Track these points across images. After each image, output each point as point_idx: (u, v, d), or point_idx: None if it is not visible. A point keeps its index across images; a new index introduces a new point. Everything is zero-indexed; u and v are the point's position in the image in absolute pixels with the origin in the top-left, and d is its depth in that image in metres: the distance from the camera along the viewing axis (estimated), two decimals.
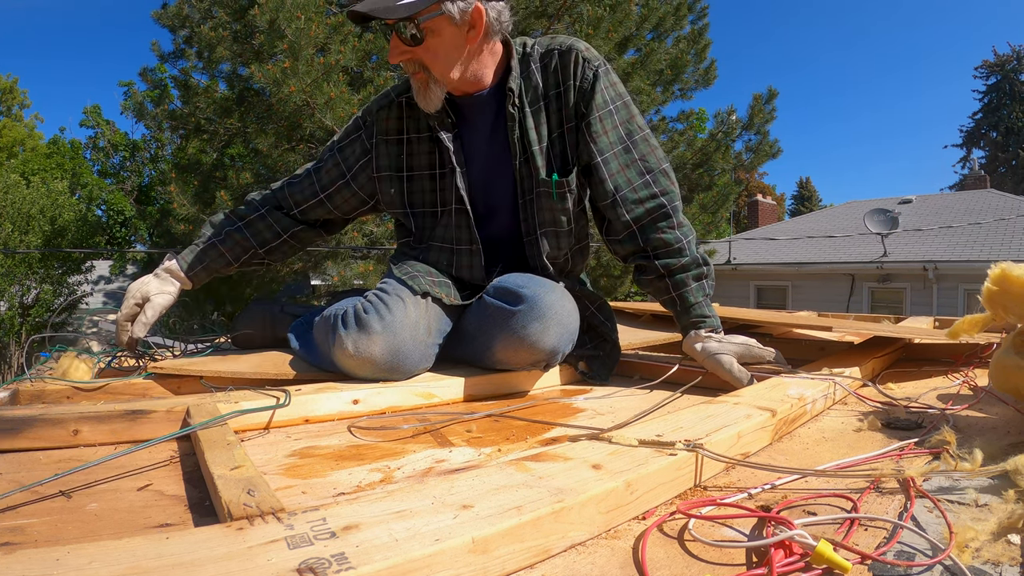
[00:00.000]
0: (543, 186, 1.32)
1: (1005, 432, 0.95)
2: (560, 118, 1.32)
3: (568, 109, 1.31)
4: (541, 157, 1.31)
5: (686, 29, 8.35)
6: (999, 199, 13.59)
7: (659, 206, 1.31)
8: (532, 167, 1.32)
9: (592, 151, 1.30)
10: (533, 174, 1.33)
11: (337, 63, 5.81)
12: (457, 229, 1.39)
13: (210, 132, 7.91)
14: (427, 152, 1.38)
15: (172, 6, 7.59)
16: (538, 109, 1.31)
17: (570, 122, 1.31)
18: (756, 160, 8.49)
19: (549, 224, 1.36)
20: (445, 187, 1.38)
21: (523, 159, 1.32)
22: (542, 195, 1.33)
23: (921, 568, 0.53)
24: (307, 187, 1.48)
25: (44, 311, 13.57)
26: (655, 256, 1.33)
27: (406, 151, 1.39)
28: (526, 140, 1.31)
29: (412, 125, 1.38)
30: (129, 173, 22.53)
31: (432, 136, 1.35)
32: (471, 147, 1.37)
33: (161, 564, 0.45)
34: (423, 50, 1.23)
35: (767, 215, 17.78)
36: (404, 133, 1.39)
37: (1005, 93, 30.33)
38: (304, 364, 1.31)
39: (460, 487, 0.62)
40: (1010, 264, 0.98)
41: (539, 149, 1.31)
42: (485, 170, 1.37)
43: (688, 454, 0.73)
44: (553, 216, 1.35)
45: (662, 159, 1.34)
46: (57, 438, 0.91)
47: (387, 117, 1.39)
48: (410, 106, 1.37)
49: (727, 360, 1.25)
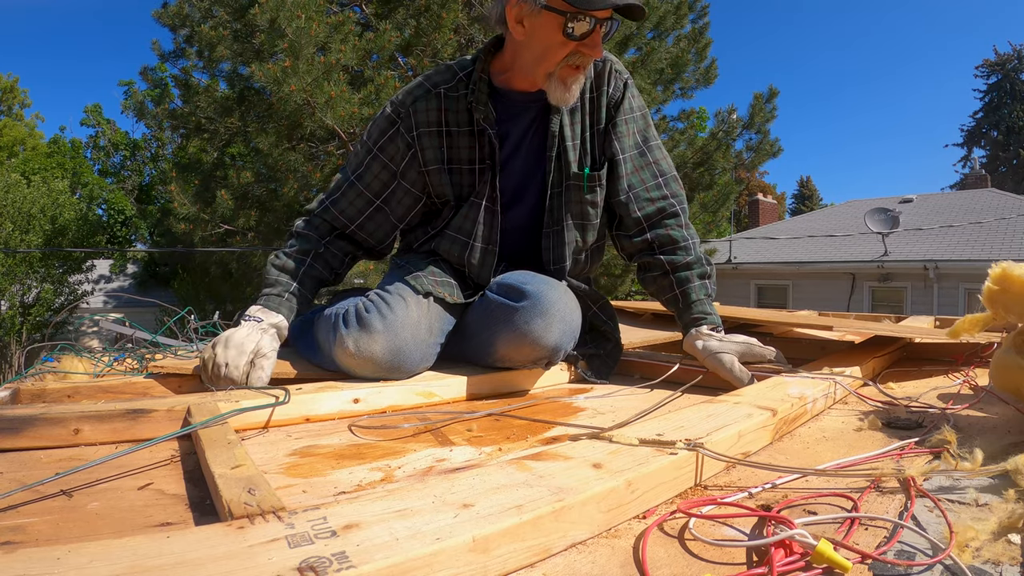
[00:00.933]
0: (575, 179, 1.37)
1: (1006, 432, 0.95)
2: (592, 120, 1.39)
3: (599, 112, 1.38)
4: (574, 152, 1.37)
5: (687, 28, 8.35)
6: (1000, 198, 13.57)
7: (669, 206, 1.39)
8: (564, 161, 1.36)
9: (615, 149, 1.39)
10: (565, 168, 1.37)
11: (338, 62, 5.81)
12: (479, 225, 1.38)
13: (211, 131, 7.91)
14: (467, 146, 1.36)
15: (172, 5, 7.59)
16: (573, 109, 1.36)
17: (599, 124, 1.39)
18: (757, 159, 8.49)
19: (577, 216, 1.40)
20: (479, 182, 1.37)
21: (558, 153, 1.36)
22: (572, 188, 1.38)
23: (921, 568, 0.53)
24: (356, 197, 1.40)
25: (45, 310, 13.58)
26: (661, 252, 1.38)
27: (446, 143, 1.36)
28: (562, 136, 1.36)
29: (452, 117, 1.35)
30: (130, 172, 22.54)
31: (473, 130, 1.34)
32: (510, 143, 1.38)
33: (162, 563, 0.45)
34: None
35: (768, 214, 17.78)
36: (444, 125, 1.35)
37: (1006, 92, 30.30)
38: (305, 363, 1.32)
39: (461, 486, 0.62)
40: (1011, 263, 0.98)
41: (572, 145, 1.37)
42: (518, 165, 1.39)
43: (689, 453, 0.73)
44: (582, 209, 1.40)
45: (672, 167, 1.44)
46: (58, 437, 0.91)
47: (426, 108, 1.34)
48: (448, 97, 1.34)
49: (728, 359, 1.25)
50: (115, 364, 1.45)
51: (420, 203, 1.43)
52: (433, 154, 1.35)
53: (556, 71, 1.24)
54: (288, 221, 7.62)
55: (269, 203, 7.63)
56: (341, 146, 6.96)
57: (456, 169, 1.37)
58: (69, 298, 14.54)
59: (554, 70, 1.24)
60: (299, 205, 7.56)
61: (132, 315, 2.27)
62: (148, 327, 1.67)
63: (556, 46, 1.22)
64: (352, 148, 1.43)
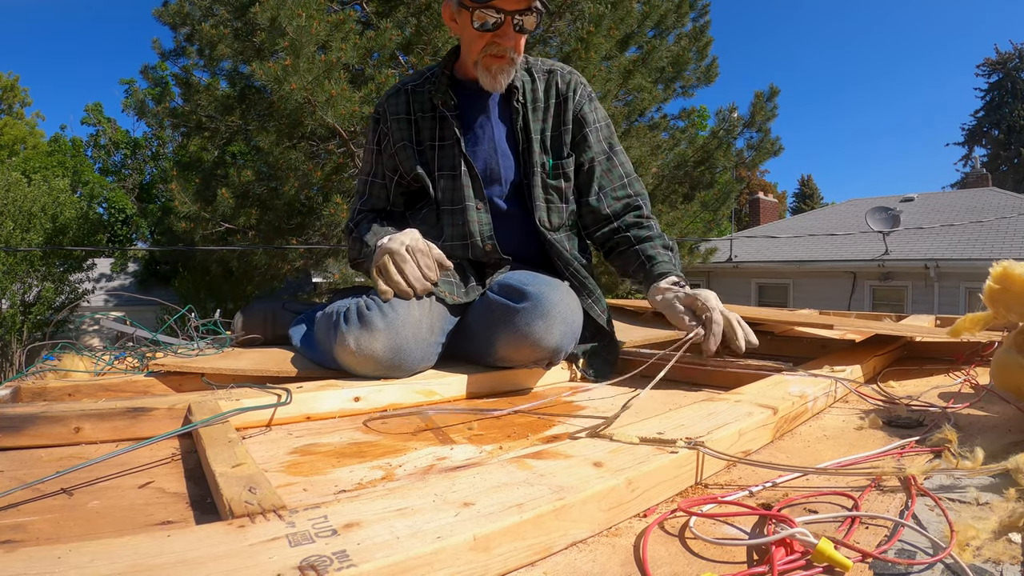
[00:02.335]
0: (541, 167, 1.51)
1: (1006, 431, 0.95)
2: (557, 122, 1.54)
3: (565, 115, 1.54)
4: (538, 145, 1.51)
5: (687, 27, 8.34)
6: (1001, 197, 13.56)
7: (633, 202, 1.55)
8: (531, 151, 1.50)
9: (587, 156, 1.54)
10: (532, 158, 1.50)
11: (338, 61, 5.80)
12: (465, 188, 1.49)
13: (211, 130, 7.91)
14: (429, 128, 1.52)
15: (173, 4, 7.58)
16: (536, 108, 1.52)
17: (565, 126, 1.54)
18: (757, 158, 8.49)
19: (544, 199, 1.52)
20: (450, 155, 1.50)
21: (525, 146, 1.51)
22: (538, 174, 1.51)
23: (922, 566, 0.53)
24: (378, 190, 1.59)
25: (46, 309, 13.59)
26: (626, 228, 1.52)
27: (414, 128, 1.53)
28: (528, 131, 1.50)
29: (418, 107, 1.53)
30: (130, 171, 22.55)
31: (435, 115, 1.51)
32: (474, 125, 1.52)
33: (162, 562, 0.45)
34: (526, 35, 1.42)
35: (768, 213, 17.77)
36: (411, 114, 1.53)
37: (1007, 91, 30.26)
38: (306, 361, 1.32)
39: (461, 485, 0.62)
40: (1012, 262, 0.98)
41: (536, 139, 1.51)
42: (484, 148, 1.52)
43: (689, 452, 0.73)
44: (546, 193, 1.52)
45: (632, 169, 1.62)
46: (58, 435, 0.91)
47: (396, 103, 1.53)
48: (414, 92, 1.54)
49: (675, 302, 1.34)
50: (116, 362, 1.45)
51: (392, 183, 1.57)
52: (400, 135, 1.52)
53: (480, 59, 1.41)
54: (289, 220, 7.63)
55: (270, 201, 7.62)
56: (342, 144, 6.95)
57: (422, 150, 1.52)
58: (70, 296, 14.55)
59: (478, 58, 1.41)
60: (299, 204, 7.56)
61: (133, 313, 2.27)
62: (149, 325, 1.67)
63: (474, 38, 1.40)
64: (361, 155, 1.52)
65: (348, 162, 7.05)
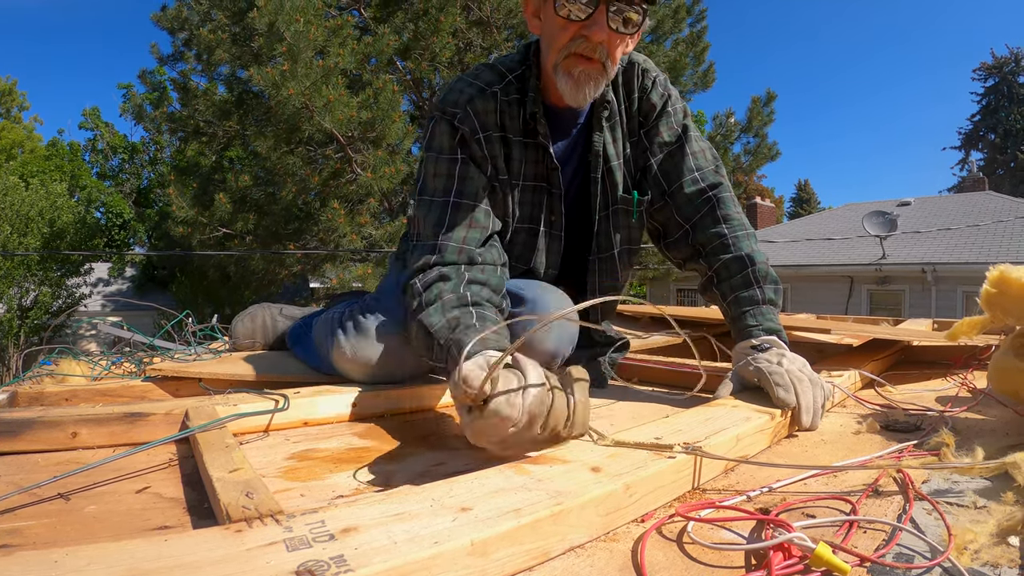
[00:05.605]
0: (623, 203, 1.26)
1: (1004, 434, 0.95)
2: (628, 131, 1.27)
3: (633, 122, 1.26)
4: (619, 173, 1.25)
5: (684, 32, 8.38)
6: (997, 201, 13.60)
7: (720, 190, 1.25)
8: (611, 183, 1.25)
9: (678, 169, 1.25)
10: (611, 191, 1.25)
11: (336, 66, 5.82)
12: (538, 252, 1.25)
13: (209, 134, 7.92)
14: (533, 160, 1.21)
15: (171, 8, 7.61)
16: (613, 124, 1.25)
17: (634, 136, 1.27)
18: (755, 162, 8.52)
19: (625, 242, 1.29)
20: (540, 203, 1.23)
21: (604, 173, 1.24)
22: (619, 212, 1.26)
23: (920, 570, 0.53)
24: (465, 215, 1.12)
25: (43, 313, 13.55)
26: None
27: (503, 153, 1.18)
28: (607, 154, 1.24)
29: (510, 124, 1.18)
30: (128, 175, 22.53)
31: (532, 143, 1.20)
32: (560, 161, 1.23)
33: (159, 566, 0.45)
34: (631, 38, 1.12)
35: (766, 217, 17.80)
36: (503, 131, 1.18)
37: (1003, 95, 30.39)
38: (303, 367, 1.31)
39: (459, 490, 0.61)
40: (1008, 266, 0.98)
41: (617, 164, 1.25)
42: (568, 186, 1.25)
43: (687, 457, 0.72)
44: (629, 234, 1.29)
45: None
46: (56, 440, 0.90)
47: (484, 109, 1.16)
48: (502, 100, 1.18)
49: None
50: (113, 367, 1.45)
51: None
52: (500, 163, 1.18)
53: (560, 61, 1.11)
54: (286, 224, 7.64)
55: (267, 206, 7.63)
56: (339, 149, 6.96)
57: (522, 185, 1.21)
58: (67, 301, 14.51)
59: (558, 60, 1.11)
60: (297, 209, 7.57)
61: (130, 318, 2.27)
62: (146, 330, 1.67)
63: (558, 31, 1.11)
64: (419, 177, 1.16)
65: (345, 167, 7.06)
